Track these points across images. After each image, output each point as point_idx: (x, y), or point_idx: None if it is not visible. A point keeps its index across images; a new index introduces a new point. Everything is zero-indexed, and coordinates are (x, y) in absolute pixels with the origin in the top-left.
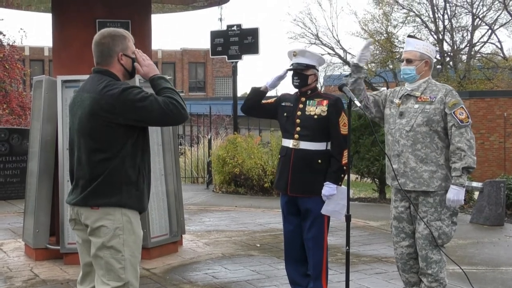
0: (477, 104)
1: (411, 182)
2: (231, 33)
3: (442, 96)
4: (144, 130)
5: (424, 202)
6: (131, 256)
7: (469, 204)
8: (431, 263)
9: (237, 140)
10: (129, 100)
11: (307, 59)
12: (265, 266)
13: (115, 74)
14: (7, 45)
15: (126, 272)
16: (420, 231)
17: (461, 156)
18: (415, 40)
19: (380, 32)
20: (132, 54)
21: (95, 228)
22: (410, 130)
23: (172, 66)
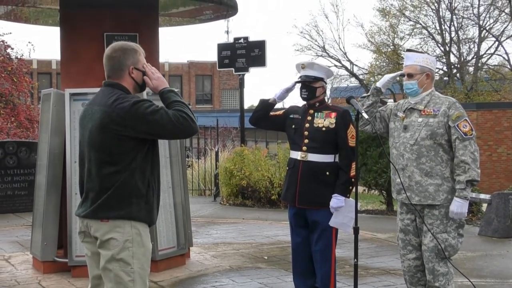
0: (484, 116)
1: (416, 196)
2: (238, 46)
3: (445, 109)
4: (154, 144)
5: (429, 215)
6: (140, 269)
7: (477, 216)
8: (438, 276)
9: (244, 153)
10: (140, 113)
11: (315, 71)
12: (273, 279)
13: (126, 88)
14: (15, 59)
15: (135, 285)
16: (426, 243)
17: (465, 169)
18: (415, 54)
19: (387, 44)
20: (142, 67)
21: (105, 241)
22: (414, 144)
23: (179, 79)
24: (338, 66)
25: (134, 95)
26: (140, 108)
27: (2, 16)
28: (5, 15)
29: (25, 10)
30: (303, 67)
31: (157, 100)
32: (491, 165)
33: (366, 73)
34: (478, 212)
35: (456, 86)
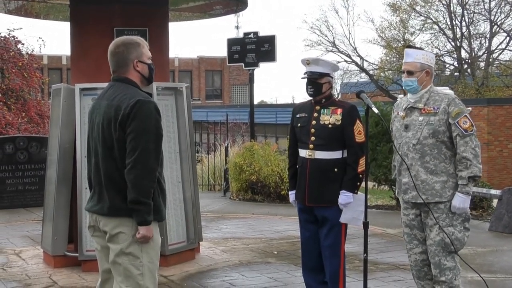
0: (495, 111)
1: (423, 195)
2: (248, 41)
3: (445, 106)
4: None
5: (435, 209)
6: (150, 263)
7: (487, 212)
8: (444, 270)
9: (254, 148)
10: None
11: (320, 67)
12: (283, 274)
13: (134, 81)
14: (26, 54)
15: (144, 279)
16: (432, 237)
17: (467, 165)
18: (415, 51)
19: (397, 40)
20: (148, 60)
21: (114, 235)
22: (417, 143)
23: (189, 74)
24: (348, 61)
25: (142, 94)
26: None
27: (13, 11)
28: (15, 10)
29: (36, 5)
30: (308, 63)
31: (168, 96)
32: (502, 161)
33: (376, 69)
34: (488, 208)
35: (467, 81)
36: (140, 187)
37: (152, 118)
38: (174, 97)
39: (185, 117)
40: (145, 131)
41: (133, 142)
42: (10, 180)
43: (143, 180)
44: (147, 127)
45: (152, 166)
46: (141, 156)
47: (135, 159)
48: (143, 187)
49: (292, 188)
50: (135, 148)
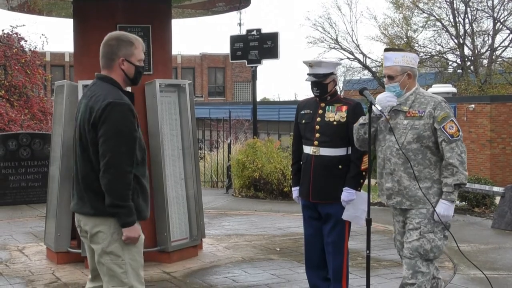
0: (498, 109)
1: (407, 201)
2: (250, 38)
3: (430, 109)
4: (139, 142)
5: (417, 214)
6: (132, 260)
7: (490, 209)
8: (417, 273)
9: (256, 145)
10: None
11: (323, 68)
12: (285, 270)
13: (115, 80)
14: (29, 51)
15: (128, 276)
16: (411, 241)
17: (453, 172)
18: (393, 54)
19: (400, 37)
20: (137, 61)
21: (93, 234)
22: (402, 148)
23: (192, 71)
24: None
25: (116, 93)
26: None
27: (15, 8)
28: (18, 7)
29: (39, 2)
30: (311, 65)
31: (171, 93)
32: (505, 158)
33: (379, 66)
34: (491, 205)
35: (470, 79)
36: (115, 191)
37: (124, 120)
38: (177, 94)
39: (187, 114)
40: (116, 134)
41: (104, 146)
42: (13, 177)
43: (117, 184)
44: (118, 130)
45: (125, 169)
46: (112, 160)
47: (106, 163)
48: (117, 191)
49: (296, 184)
50: (106, 152)
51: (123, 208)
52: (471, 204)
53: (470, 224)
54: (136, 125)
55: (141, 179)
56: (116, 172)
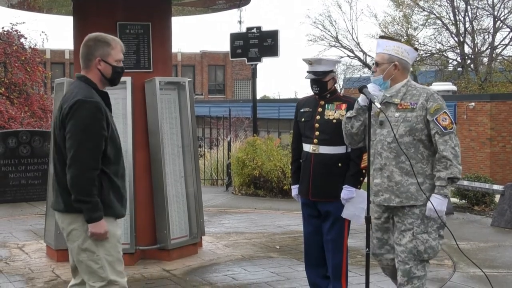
0: (498, 107)
1: (397, 197)
2: (250, 36)
3: (423, 101)
4: (111, 141)
5: (409, 214)
6: (107, 255)
7: (490, 207)
8: (413, 278)
9: (256, 143)
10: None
11: (323, 66)
12: (285, 268)
13: (91, 80)
14: (29, 48)
15: (105, 271)
16: (404, 243)
17: (447, 165)
18: (386, 41)
19: (400, 35)
20: (114, 62)
21: (69, 233)
22: (393, 142)
23: (192, 69)
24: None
25: (87, 92)
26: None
27: (15, 5)
28: (18, 4)
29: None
30: (310, 63)
31: (171, 90)
32: (505, 156)
33: None
34: (491, 203)
35: (470, 77)
36: (79, 186)
37: (90, 118)
38: (177, 91)
39: (187, 111)
40: (81, 130)
41: (70, 141)
42: (13, 174)
43: (80, 179)
44: (83, 126)
45: (90, 165)
46: (76, 155)
47: (71, 158)
48: (81, 186)
49: (295, 182)
50: (71, 147)
51: (87, 203)
52: (471, 202)
53: (469, 222)
54: (105, 123)
55: (112, 177)
56: (79, 167)
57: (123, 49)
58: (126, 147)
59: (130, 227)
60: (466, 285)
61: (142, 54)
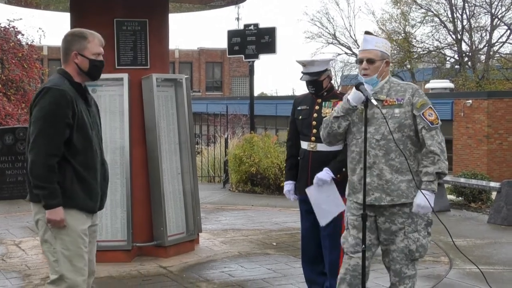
0: (495, 104)
1: (388, 196)
2: (248, 33)
3: (409, 96)
4: (78, 131)
5: (400, 213)
6: (64, 250)
7: (486, 204)
8: (404, 278)
9: (253, 139)
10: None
11: (316, 67)
12: (281, 265)
13: (67, 72)
14: (26, 45)
15: (59, 265)
16: (396, 244)
17: (434, 160)
18: (374, 37)
19: (398, 32)
20: (91, 55)
21: (36, 222)
22: (382, 139)
23: (189, 66)
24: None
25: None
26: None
27: (13, 1)
28: (15, 1)
29: None
30: (304, 65)
31: (168, 87)
32: (502, 154)
33: None
34: (487, 200)
35: (468, 74)
36: (36, 171)
37: (54, 105)
38: (174, 88)
39: (185, 108)
40: (43, 117)
41: (32, 127)
42: (10, 171)
43: (38, 165)
44: (46, 113)
45: (48, 151)
46: (36, 141)
47: (31, 143)
48: (38, 172)
49: (288, 179)
50: (32, 133)
51: (44, 189)
52: (468, 199)
53: (466, 219)
54: (70, 111)
55: (78, 168)
56: (38, 153)
57: (102, 43)
58: (123, 144)
59: (127, 224)
60: (462, 282)
61: (139, 50)
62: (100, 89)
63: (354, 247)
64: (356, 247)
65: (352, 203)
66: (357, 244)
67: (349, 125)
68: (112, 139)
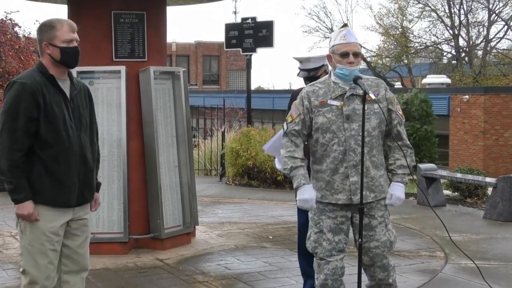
0: (492, 100)
1: (372, 192)
2: (245, 26)
3: (384, 92)
4: (47, 123)
5: (378, 206)
6: (28, 245)
7: (482, 199)
8: (390, 271)
9: (250, 133)
10: None
11: (312, 63)
12: (278, 258)
13: (42, 64)
14: (23, 37)
15: (23, 259)
16: (378, 238)
17: (407, 153)
18: (353, 31)
19: (395, 27)
20: (61, 43)
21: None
22: (367, 136)
23: (186, 59)
24: None
25: (26, 74)
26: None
27: None
28: None
29: None
30: (300, 61)
31: (166, 80)
32: (498, 150)
33: (374, 56)
34: (483, 196)
35: (465, 70)
36: (1, 167)
37: (17, 98)
38: (172, 81)
39: (182, 101)
40: (6, 111)
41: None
42: None
43: (2, 160)
44: (8, 106)
45: (11, 146)
46: (0, 136)
47: None
48: (3, 167)
49: None
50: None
51: (9, 184)
52: (464, 194)
53: (462, 214)
54: (35, 104)
55: (48, 161)
56: (1, 148)
57: (74, 28)
58: (120, 136)
59: (124, 216)
60: (457, 277)
61: (136, 43)
62: (98, 82)
63: (330, 251)
64: (333, 251)
65: (326, 205)
66: (334, 248)
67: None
68: (109, 131)
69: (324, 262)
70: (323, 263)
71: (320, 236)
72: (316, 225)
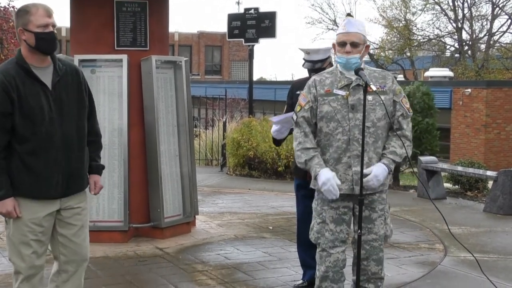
0: (494, 93)
1: None
2: (248, 16)
3: (390, 83)
4: (24, 117)
5: (379, 199)
6: (11, 236)
7: (483, 193)
8: (383, 265)
9: (252, 124)
10: None
11: (320, 55)
12: (277, 248)
13: (20, 54)
14: None
15: (8, 249)
16: (376, 231)
17: (405, 144)
18: (357, 20)
19: (399, 19)
20: (37, 28)
21: None
22: (372, 126)
23: (189, 49)
24: None
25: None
26: None
27: None
28: None
29: None
30: (308, 52)
31: (167, 69)
32: (499, 143)
33: (376, 48)
34: (484, 189)
35: (467, 63)
36: None
37: None
38: (173, 71)
39: (183, 91)
40: None
41: None
42: None
43: None
44: None
45: None
46: None
47: None
48: None
49: None
50: None
51: None
52: (464, 187)
53: (462, 207)
54: (8, 99)
55: (24, 155)
56: None
57: (50, 13)
58: (121, 125)
59: (124, 205)
60: (456, 269)
61: (138, 32)
62: (99, 70)
63: (333, 242)
64: (335, 241)
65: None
66: (336, 239)
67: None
68: (111, 120)
69: (326, 254)
70: (325, 255)
71: (323, 227)
72: (319, 215)
